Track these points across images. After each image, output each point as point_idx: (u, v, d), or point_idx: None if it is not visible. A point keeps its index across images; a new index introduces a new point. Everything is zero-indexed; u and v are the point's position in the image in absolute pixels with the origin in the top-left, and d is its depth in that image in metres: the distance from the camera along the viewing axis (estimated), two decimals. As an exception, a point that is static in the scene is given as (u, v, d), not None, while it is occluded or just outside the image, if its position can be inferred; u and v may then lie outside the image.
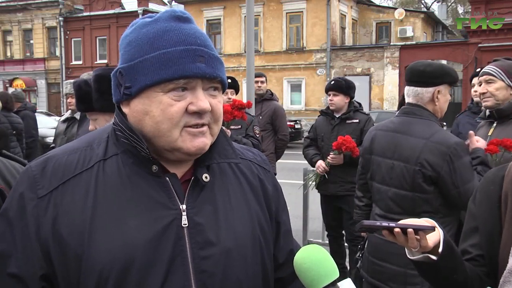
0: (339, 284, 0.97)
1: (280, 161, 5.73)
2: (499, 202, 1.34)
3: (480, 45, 21.39)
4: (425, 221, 1.26)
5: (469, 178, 2.33)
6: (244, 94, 5.73)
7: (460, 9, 42.71)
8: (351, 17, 27.35)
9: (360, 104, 4.49)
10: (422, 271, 1.34)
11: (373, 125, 3.29)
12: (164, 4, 31.30)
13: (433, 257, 1.26)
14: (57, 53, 32.92)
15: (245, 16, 7.06)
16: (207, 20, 27.93)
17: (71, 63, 32.42)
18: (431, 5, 40.49)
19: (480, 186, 1.44)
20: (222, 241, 1.05)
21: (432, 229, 1.23)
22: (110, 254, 0.96)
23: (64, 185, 1.01)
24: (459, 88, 22.76)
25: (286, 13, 26.17)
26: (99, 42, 31.89)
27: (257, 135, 4.34)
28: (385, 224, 1.23)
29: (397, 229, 1.22)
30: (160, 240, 0.99)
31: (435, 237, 1.25)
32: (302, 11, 25.77)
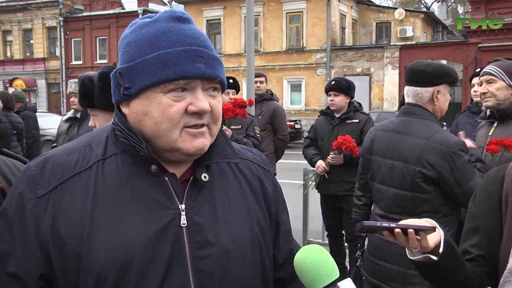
0: (339, 284, 0.97)
1: (280, 161, 5.73)
2: (500, 202, 1.34)
3: (480, 45, 21.40)
4: (426, 222, 1.25)
5: (471, 175, 2.34)
6: (244, 94, 5.72)
7: (460, 9, 42.74)
8: (351, 17, 27.36)
9: (360, 104, 4.49)
10: (423, 272, 1.34)
11: (373, 125, 3.29)
12: (164, 4, 31.29)
13: (434, 258, 1.26)
14: (57, 53, 32.94)
15: (245, 16, 7.06)
16: (207, 20, 27.94)
17: (71, 63, 32.44)
18: (431, 5, 40.53)
19: (481, 186, 1.44)
20: (221, 241, 1.05)
21: (433, 230, 1.23)
22: (109, 254, 0.96)
23: (63, 185, 1.01)
24: (459, 88, 22.77)
25: (286, 13, 26.18)
26: (99, 42, 31.90)
27: (257, 135, 4.35)
28: (386, 225, 1.23)
29: (398, 230, 1.22)
30: (159, 240, 0.99)
31: (436, 238, 1.25)
32: (302, 11, 25.77)
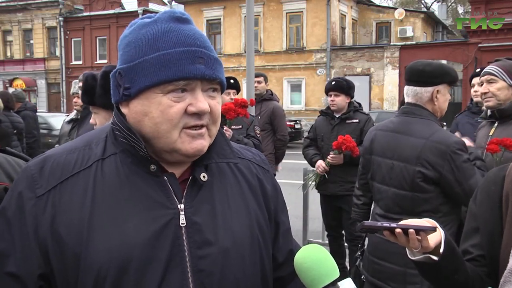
0: (340, 284, 0.98)
1: (280, 161, 5.72)
2: (500, 202, 1.34)
3: (480, 45, 21.40)
4: (426, 222, 1.25)
5: (471, 174, 2.34)
6: (244, 94, 5.72)
7: (460, 9, 42.75)
8: (351, 17, 27.36)
9: (360, 104, 4.49)
10: (423, 272, 1.33)
11: (373, 125, 3.29)
12: (164, 4, 31.28)
13: (434, 258, 1.25)
14: (57, 53, 32.94)
15: (245, 16, 7.06)
16: (207, 20, 27.94)
17: (71, 63, 32.44)
18: (431, 5, 40.53)
19: (481, 186, 1.44)
20: (220, 241, 1.05)
21: (433, 230, 1.23)
22: (108, 253, 0.96)
23: (62, 184, 1.01)
24: (459, 88, 22.76)
25: (286, 13, 26.18)
26: (99, 42, 31.90)
27: (258, 135, 4.35)
28: (386, 225, 1.23)
29: (399, 230, 1.21)
30: (158, 239, 0.99)
31: (436, 238, 1.25)
32: (302, 11, 25.78)
